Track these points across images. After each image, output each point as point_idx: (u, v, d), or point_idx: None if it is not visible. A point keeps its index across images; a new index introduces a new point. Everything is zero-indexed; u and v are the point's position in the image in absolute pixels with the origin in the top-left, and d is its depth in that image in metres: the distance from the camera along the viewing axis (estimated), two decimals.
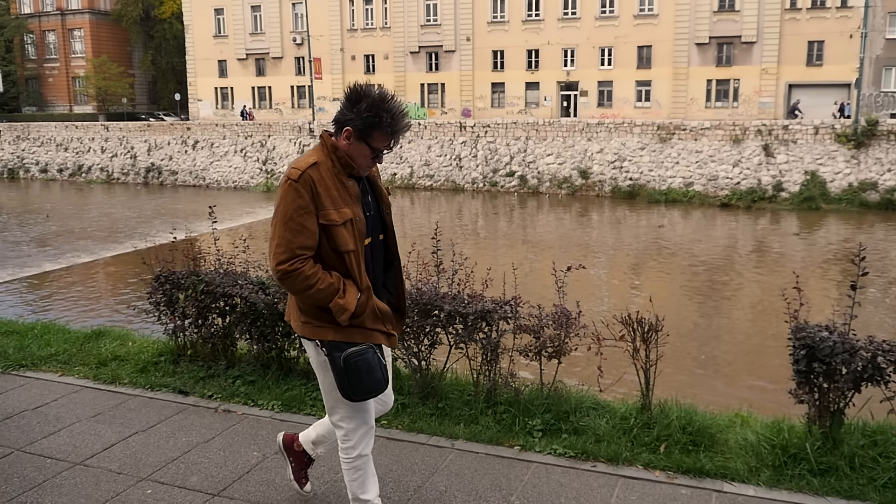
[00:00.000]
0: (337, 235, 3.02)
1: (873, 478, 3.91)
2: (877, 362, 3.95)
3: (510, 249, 25.62)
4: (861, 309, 4.22)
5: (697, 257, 23.09)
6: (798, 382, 4.16)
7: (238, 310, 5.45)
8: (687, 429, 4.40)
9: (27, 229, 27.95)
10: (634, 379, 4.61)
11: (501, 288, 4.95)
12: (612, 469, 4.14)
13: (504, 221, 33.19)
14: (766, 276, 20.74)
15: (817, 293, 18.69)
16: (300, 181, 2.99)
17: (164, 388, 5.44)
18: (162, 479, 4.14)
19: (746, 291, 18.35)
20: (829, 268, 21.66)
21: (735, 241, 27.52)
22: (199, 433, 4.71)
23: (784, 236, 28.47)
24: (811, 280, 20.45)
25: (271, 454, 4.41)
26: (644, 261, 22.93)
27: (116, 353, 6.12)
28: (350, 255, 3.06)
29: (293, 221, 2.98)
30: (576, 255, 23.78)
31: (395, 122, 3.03)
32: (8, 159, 50.39)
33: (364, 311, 3.10)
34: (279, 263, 2.99)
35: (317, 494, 3.91)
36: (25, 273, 19.05)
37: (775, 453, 4.13)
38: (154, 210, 33.55)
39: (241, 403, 5.14)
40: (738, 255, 24.39)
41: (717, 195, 35.19)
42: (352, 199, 3.09)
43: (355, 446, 3.29)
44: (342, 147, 3.08)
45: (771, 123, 36.19)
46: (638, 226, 31.08)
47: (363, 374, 3.10)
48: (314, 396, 5.13)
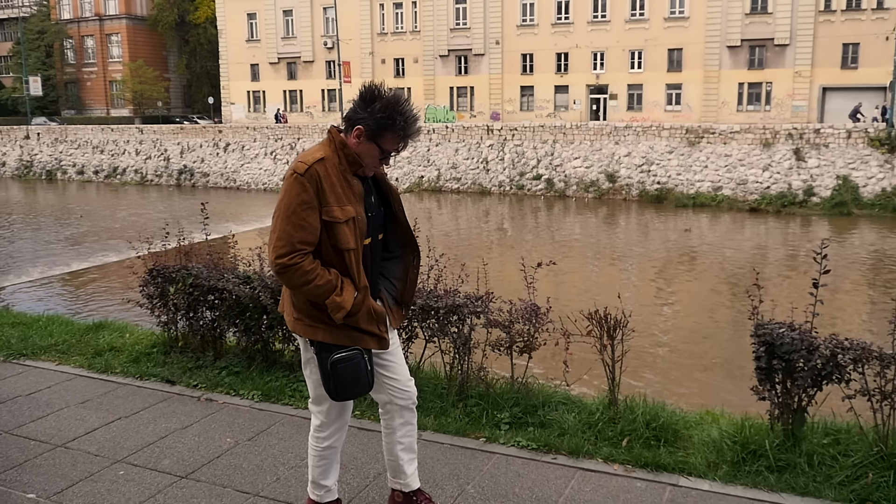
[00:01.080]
0: (338, 233, 3.03)
1: (830, 475, 3.91)
2: (836, 360, 3.96)
3: (530, 252, 25.63)
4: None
5: (724, 262, 22.86)
6: (759, 379, 4.18)
7: (225, 303, 5.60)
8: (651, 424, 4.43)
9: (61, 229, 28.66)
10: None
11: (520, 288, 5.00)
12: (572, 462, 4.20)
13: (530, 224, 33.15)
14: (794, 280, 20.47)
15: (850, 299, 18.38)
16: (306, 175, 3.00)
17: (153, 377, 5.62)
18: (136, 461, 4.30)
19: (771, 296, 18.11)
20: (863, 274, 21.31)
21: (764, 246, 27.15)
22: (178, 420, 4.87)
23: (814, 242, 28.03)
24: (844, 285, 20.10)
25: (244, 440, 4.55)
26: (669, 266, 22.76)
27: (113, 344, 6.33)
28: (350, 254, 3.07)
29: (296, 216, 2.98)
30: (599, 259, 23.71)
31: (407, 126, 3.05)
32: (46, 161, 51.66)
33: (359, 310, 3.11)
34: (278, 257, 2.99)
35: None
36: (55, 272, 19.55)
37: (735, 449, 4.15)
38: (185, 211, 34.16)
39: (224, 393, 5.30)
40: (766, 260, 24.09)
41: (747, 199, 34.74)
42: (355, 197, 3.10)
43: (328, 437, 3.37)
44: (351, 145, 3.09)
45: (802, 127, 35.66)
46: (666, 229, 30.84)
47: (348, 381, 3.13)
48: (294, 388, 5.26)
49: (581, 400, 4.89)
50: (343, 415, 3.39)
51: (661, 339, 13.58)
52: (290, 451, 4.38)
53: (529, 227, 32.46)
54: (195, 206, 27.96)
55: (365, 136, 3.05)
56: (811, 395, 4.16)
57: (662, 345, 13.23)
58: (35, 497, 3.91)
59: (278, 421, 4.83)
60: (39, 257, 21.90)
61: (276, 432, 4.67)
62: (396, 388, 3.37)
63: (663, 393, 9.80)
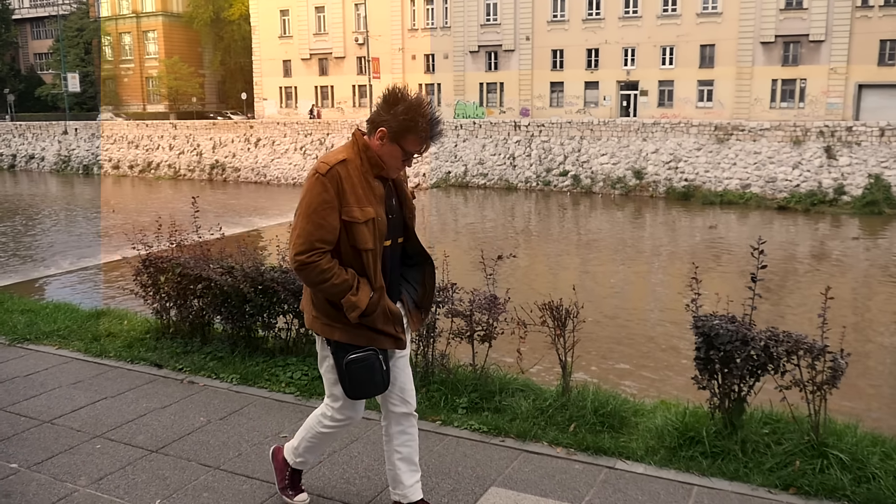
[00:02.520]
0: (357, 233, 3.09)
1: (762, 462, 4.07)
2: (769, 351, 4.11)
3: (552, 249, 25.72)
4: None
5: (751, 260, 22.70)
6: (699, 370, 4.35)
7: (210, 292, 5.90)
8: (599, 411, 4.62)
9: (94, 222, 29.49)
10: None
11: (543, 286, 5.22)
12: (519, 444, 4.42)
13: (556, 221, 33.19)
14: (825, 280, 20.30)
15: (880, 299, 18.19)
16: (327, 176, 3.07)
17: (143, 361, 5.96)
18: (113, 436, 4.62)
19: (797, 297, 18.01)
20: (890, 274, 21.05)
21: (793, 245, 26.85)
22: (159, 400, 5.19)
23: (844, 241, 27.67)
24: (873, 285, 19.88)
25: (216, 420, 4.85)
26: (696, 262, 22.68)
27: (111, 330, 6.69)
28: (368, 254, 3.12)
29: (316, 214, 3.06)
30: (626, 257, 23.73)
31: (430, 128, 3.11)
32: (83, 156, 53.01)
33: (375, 310, 3.15)
34: (297, 254, 3.07)
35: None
36: (83, 263, 20.18)
37: (675, 436, 4.33)
38: (217, 205, 34.90)
39: (206, 376, 5.60)
40: (795, 259, 23.88)
41: (775, 198, 34.34)
42: (376, 199, 3.15)
43: (331, 427, 3.47)
44: (374, 147, 3.14)
45: (834, 125, 35.11)
46: (692, 226, 30.67)
47: (363, 381, 3.21)
48: (272, 372, 5.55)
49: (539, 387, 5.09)
50: (356, 414, 3.47)
51: (658, 330, 13.65)
52: (257, 430, 4.66)
53: (555, 223, 32.52)
54: (224, 201, 28.57)
55: (388, 138, 3.11)
56: (750, 385, 4.32)
57: (658, 338, 13.36)
58: (17, 467, 4.24)
59: (251, 403, 5.12)
60: (70, 249, 22.62)
61: (247, 413, 4.95)
62: (394, 394, 3.41)
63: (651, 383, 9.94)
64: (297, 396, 5.20)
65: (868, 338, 14.53)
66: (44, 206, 36.46)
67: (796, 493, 3.85)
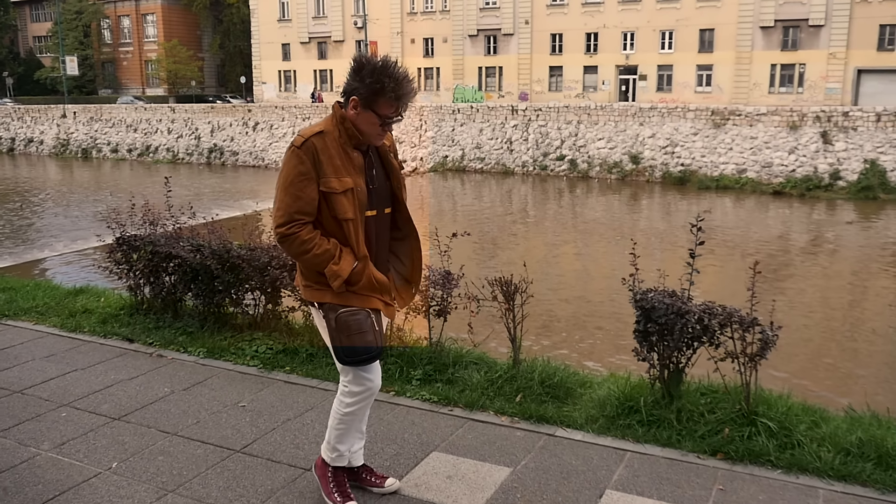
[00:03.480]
0: (336, 203, 3.13)
1: (694, 429, 4.25)
2: (704, 323, 4.28)
3: (542, 231, 25.88)
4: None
5: (744, 245, 22.86)
6: (639, 342, 4.52)
7: (181, 269, 6.08)
8: (546, 383, 4.80)
9: (90, 206, 29.65)
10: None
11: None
12: (466, 413, 4.60)
13: (553, 205, 33.29)
14: (818, 264, 20.47)
15: (876, 285, 18.31)
16: (303, 148, 3.11)
17: (115, 335, 6.15)
18: (79, 405, 4.81)
19: (798, 282, 18.16)
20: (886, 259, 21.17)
21: (788, 229, 26.96)
22: (127, 372, 5.38)
23: (838, 226, 27.78)
24: (870, 269, 20.00)
25: (179, 390, 5.03)
26: (683, 246, 22.83)
27: (87, 306, 6.88)
28: (349, 224, 3.16)
29: (293, 187, 3.10)
30: (615, 240, 23.88)
31: (398, 87, 3.09)
32: (82, 140, 53.11)
33: (360, 279, 3.20)
34: (278, 226, 3.14)
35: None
36: (77, 246, 20.37)
37: (615, 406, 4.51)
38: (211, 189, 35.07)
39: (174, 350, 5.79)
40: (790, 243, 24.02)
41: (771, 182, 34.41)
42: (355, 169, 3.18)
43: (352, 405, 3.38)
44: (350, 117, 3.16)
45: (830, 110, 35.10)
46: (689, 212, 30.75)
47: (354, 334, 3.20)
48: (238, 346, 5.73)
49: (494, 360, 5.26)
50: (372, 386, 3.37)
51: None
52: (217, 400, 4.85)
53: (551, 207, 32.62)
54: (220, 184, 28.67)
55: (360, 105, 3.12)
56: (688, 357, 4.49)
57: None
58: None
59: (215, 375, 5.30)
60: (65, 232, 22.81)
61: (210, 384, 5.14)
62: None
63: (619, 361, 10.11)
64: (259, 369, 5.38)
65: (860, 322, 14.74)
66: (41, 189, 36.64)
67: (723, 458, 4.03)
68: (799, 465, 3.92)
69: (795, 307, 15.44)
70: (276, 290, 5.85)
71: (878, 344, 13.24)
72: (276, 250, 5.66)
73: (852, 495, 3.69)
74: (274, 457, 4.08)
